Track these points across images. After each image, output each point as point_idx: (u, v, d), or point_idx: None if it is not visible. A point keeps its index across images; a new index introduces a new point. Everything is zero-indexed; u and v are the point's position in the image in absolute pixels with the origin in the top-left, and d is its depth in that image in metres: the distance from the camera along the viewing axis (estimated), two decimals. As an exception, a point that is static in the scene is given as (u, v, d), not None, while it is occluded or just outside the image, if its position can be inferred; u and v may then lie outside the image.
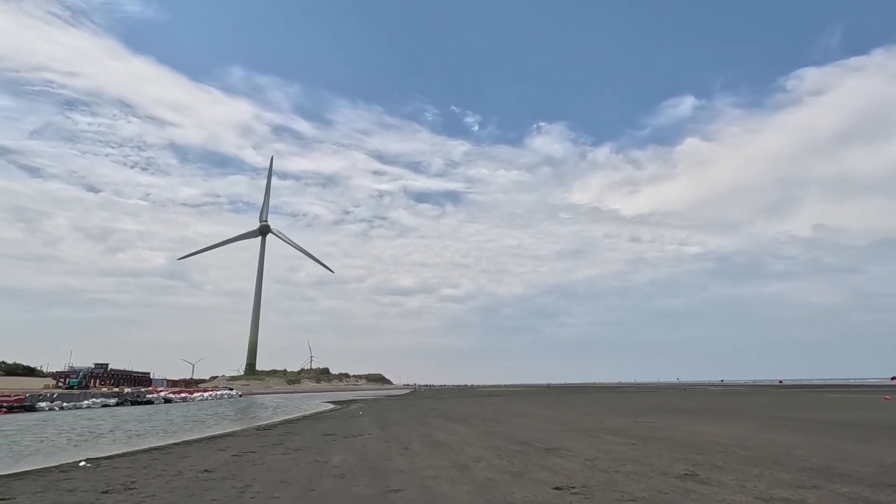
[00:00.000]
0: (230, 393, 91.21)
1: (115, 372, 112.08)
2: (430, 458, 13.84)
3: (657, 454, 13.45)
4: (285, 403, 64.17)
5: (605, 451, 14.12)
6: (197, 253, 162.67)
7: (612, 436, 18.05)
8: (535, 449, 15.03)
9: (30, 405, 46.02)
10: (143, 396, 63.27)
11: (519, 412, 33.54)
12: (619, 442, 16.23)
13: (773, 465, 11.59)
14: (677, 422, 23.55)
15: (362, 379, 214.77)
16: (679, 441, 16.15)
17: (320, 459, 14.01)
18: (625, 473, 10.84)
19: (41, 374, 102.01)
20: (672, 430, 19.85)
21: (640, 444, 15.71)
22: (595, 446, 15.30)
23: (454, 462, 12.98)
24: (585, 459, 12.81)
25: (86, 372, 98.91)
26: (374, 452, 15.22)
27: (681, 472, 10.81)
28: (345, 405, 52.54)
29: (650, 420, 24.66)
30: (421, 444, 16.88)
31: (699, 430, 19.71)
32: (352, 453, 15.11)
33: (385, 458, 14.11)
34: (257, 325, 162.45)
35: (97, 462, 14.79)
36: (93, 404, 53.12)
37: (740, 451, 13.85)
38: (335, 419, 31.50)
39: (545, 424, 23.56)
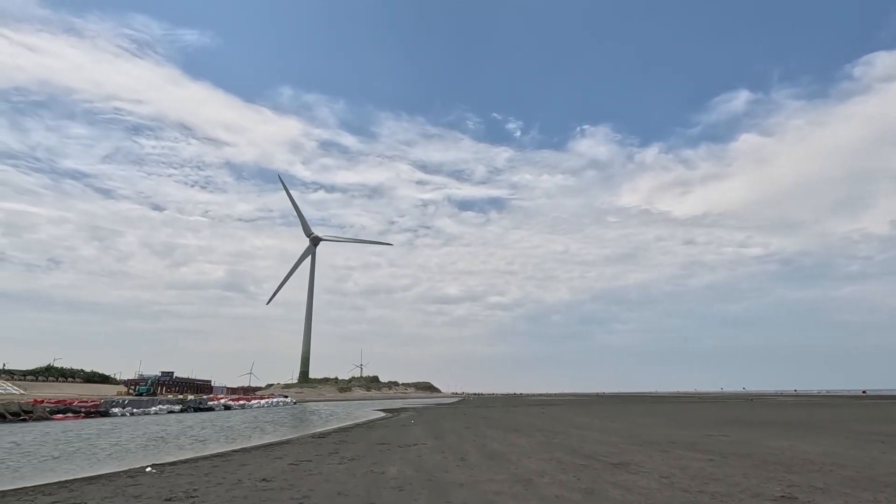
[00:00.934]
0: (285, 400, 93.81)
1: (180, 380, 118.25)
2: (490, 470, 13.16)
3: (742, 472, 12.16)
4: (337, 411, 65.09)
5: (680, 468, 12.94)
6: (278, 290, 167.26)
7: (685, 450, 16.67)
8: (602, 463, 14.02)
9: (104, 411, 48.94)
10: (204, 403, 66.03)
11: (575, 422, 32.15)
12: (694, 457, 14.91)
13: (885, 487, 10.13)
14: (756, 436, 21.61)
15: (411, 387, 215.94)
16: (764, 458, 14.64)
17: (376, 470, 13.65)
18: (710, 494, 9.75)
19: (115, 381, 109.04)
20: (752, 444, 18.15)
21: (719, 459, 14.35)
22: (668, 462, 14.10)
23: (515, 476, 12.25)
24: (661, 476, 11.73)
25: (153, 380, 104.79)
26: (430, 463, 14.72)
27: (776, 495, 9.60)
28: (396, 413, 52.54)
29: (723, 433, 22.81)
30: (478, 455, 16.22)
31: (783, 445, 17.91)
32: (408, 464, 14.67)
33: (442, 469, 13.57)
34: (310, 334, 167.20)
35: (162, 468, 15.11)
36: (160, 411, 55.88)
37: (839, 470, 12.31)
38: (388, 428, 31.31)
39: (607, 436, 22.27)
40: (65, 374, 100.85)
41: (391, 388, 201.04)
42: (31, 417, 40.21)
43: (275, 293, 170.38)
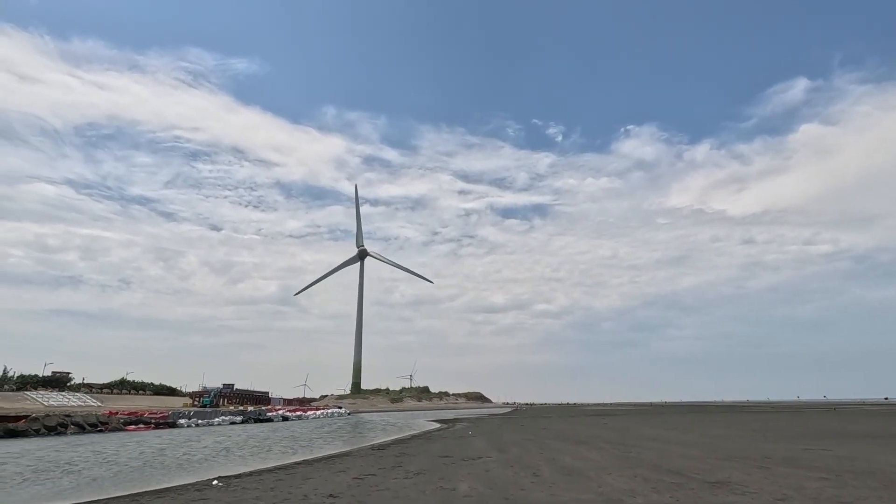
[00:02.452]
0: (339, 411, 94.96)
1: (240, 391, 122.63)
2: (570, 488, 12.00)
3: (876, 495, 10.40)
4: (392, 421, 64.93)
5: (794, 488, 11.29)
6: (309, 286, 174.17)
7: (787, 467, 14.79)
8: (696, 481, 12.53)
9: (172, 422, 50.96)
10: (263, 415, 67.69)
11: (645, 434, 30.07)
12: (804, 476, 13.10)
13: None
14: (864, 450, 19.13)
15: (461, 397, 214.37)
16: (892, 478, 12.64)
17: (446, 486, 12.79)
18: (847, 522, 8.23)
19: (181, 393, 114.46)
20: (866, 461, 15.94)
21: (835, 479, 12.51)
22: (774, 480, 12.41)
23: (602, 496, 11.04)
24: (775, 500, 10.20)
25: (216, 391, 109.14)
26: (501, 479, 13.70)
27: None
28: (451, 424, 51.61)
29: (823, 447, 20.38)
30: (551, 471, 15.04)
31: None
32: (478, 479, 13.72)
33: (516, 486, 12.53)
34: (360, 345, 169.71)
35: (228, 481, 14.91)
36: (222, 422, 57.64)
37: None
38: (446, 439, 30.44)
39: (686, 449, 20.40)
40: (136, 387, 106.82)
41: (442, 398, 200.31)
42: (106, 428, 42.29)
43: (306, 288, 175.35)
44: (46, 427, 37.90)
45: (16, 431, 35.71)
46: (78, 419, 41.59)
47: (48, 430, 37.67)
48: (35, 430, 36.97)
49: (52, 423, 38.71)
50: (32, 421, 38.38)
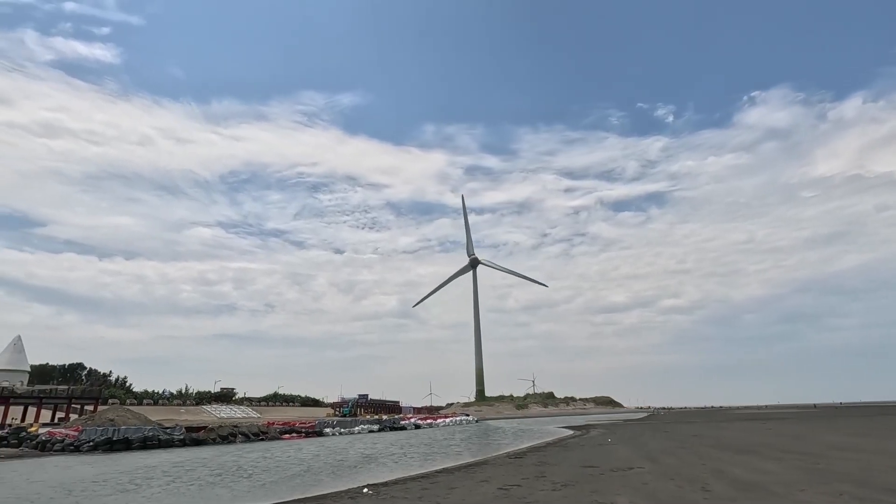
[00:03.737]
0: (467, 418, 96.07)
1: (374, 401, 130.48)
2: (757, 507, 10.19)
3: None
4: (521, 428, 63.81)
5: None
6: (425, 298, 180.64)
7: None
8: (934, 503, 9.89)
9: (319, 431, 55.43)
10: (398, 423, 70.84)
11: (828, 442, 25.45)
12: None
13: None
14: None
15: (589, 402, 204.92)
16: None
17: (602, 501, 11.68)
18: None
19: (323, 404, 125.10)
20: None
21: None
22: None
23: (804, 518, 9.14)
24: None
25: (353, 402, 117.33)
26: (665, 494, 12.18)
27: None
28: (584, 431, 49.07)
29: None
30: (723, 485, 13.07)
31: None
32: (637, 494, 12.36)
33: (686, 502, 10.99)
34: (480, 353, 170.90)
35: (377, 489, 15.32)
36: (362, 430, 61.36)
37: None
38: (584, 447, 28.73)
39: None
40: (286, 399, 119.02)
41: (568, 403, 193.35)
42: (267, 437, 47.25)
43: (423, 299, 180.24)
44: (221, 436, 43.38)
45: (199, 440, 41.38)
46: (244, 429, 47.01)
47: (222, 439, 43.08)
48: (212, 439, 42.50)
49: (225, 433, 44.20)
50: (210, 431, 44.19)
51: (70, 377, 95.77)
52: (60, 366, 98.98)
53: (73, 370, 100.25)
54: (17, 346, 71.30)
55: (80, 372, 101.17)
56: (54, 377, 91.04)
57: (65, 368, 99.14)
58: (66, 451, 33.60)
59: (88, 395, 66.89)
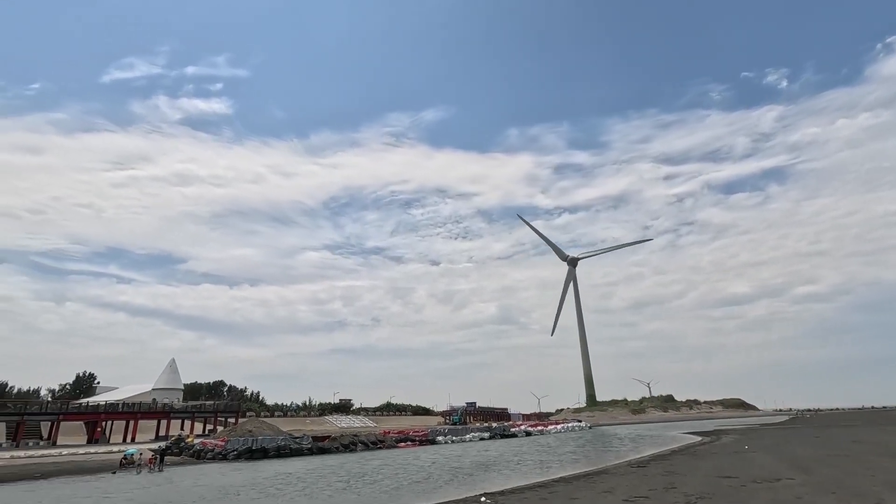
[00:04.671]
0: (579, 424, 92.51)
1: (482, 409, 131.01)
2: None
3: None
4: (640, 434, 59.94)
5: None
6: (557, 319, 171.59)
7: None
8: None
9: (432, 439, 56.79)
10: (507, 430, 70.27)
11: None
12: None
13: None
14: None
15: (716, 405, 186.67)
16: None
17: (748, 515, 10.46)
18: None
19: (433, 413, 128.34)
20: None
21: None
22: None
23: None
24: None
25: (462, 410, 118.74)
26: (826, 510, 10.60)
27: None
28: (714, 437, 44.75)
29: None
30: (904, 501, 11.06)
31: None
32: (790, 509, 10.91)
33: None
34: (588, 356, 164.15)
35: (494, 498, 15.22)
36: (473, 438, 61.74)
37: None
38: (717, 455, 26.14)
39: None
40: (398, 408, 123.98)
41: (691, 407, 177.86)
42: (384, 446, 49.44)
43: (555, 324, 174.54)
44: (343, 445, 46.24)
45: (324, 449, 44.49)
46: (363, 438, 49.68)
47: (345, 448, 45.88)
48: (336, 447, 45.44)
49: (347, 442, 47.04)
50: (333, 440, 47.30)
51: (214, 393, 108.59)
52: (206, 383, 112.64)
53: (216, 387, 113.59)
54: (172, 367, 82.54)
55: (221, 388, 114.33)
56: (202, 393, 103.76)
57: (210, 386, 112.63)
58: (216, 459, 37.93)
59: (230, 409, 75.31)
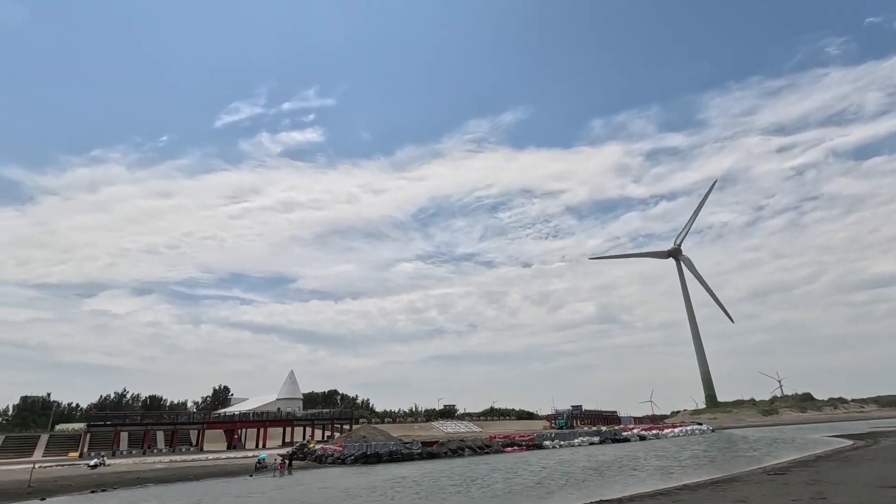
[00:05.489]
0: (700, 428, 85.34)
1: (589, 412, 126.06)
2: None
3: None
4: (773, 437, 53.81)
5: None
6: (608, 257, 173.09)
7: None
8: None
9: (539, 443, 55.82)
10: (619, 434, 66.87)
11: None
12: None
13: None
14: None
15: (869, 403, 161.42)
16: None
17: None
18: None
19: (538, 417, 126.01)
20: None
21: None
22: None
23: None
24: None
25: (567, 413, 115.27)
26: None
27: None
28: (869, 440, 38.86)
29: None
30: None
31: None
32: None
33: None
34: (703, 353, 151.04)
35: (614, 505, 14.61)
36: (581, 442, 59.65)
37: None
38: (875, 461, 22.70)
39: None
40: (502, 413, 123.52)
41: (836, 406, 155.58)
42: (491, 450, 49.56)
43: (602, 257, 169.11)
44: (451, 450, 47.15)
45: (433, 453, 45.72)
46: (469, 443, 50.26)
47: (452, 453, 46.75)
48: (444, 452, 46.47)
49: (454, 447, 47.90)
50: (441, 445, 48.44)
51: (329, 401, 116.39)
52: (321, 392, 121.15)
53: (330, 396, 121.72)
54: (291, 379, 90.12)
55: (335, 397, 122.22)
56: (318, 402, 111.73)
57: (325, 395, 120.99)
58: (335, 463, 40.62)
59: (344, 416, 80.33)
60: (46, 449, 56.96)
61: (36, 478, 29.57)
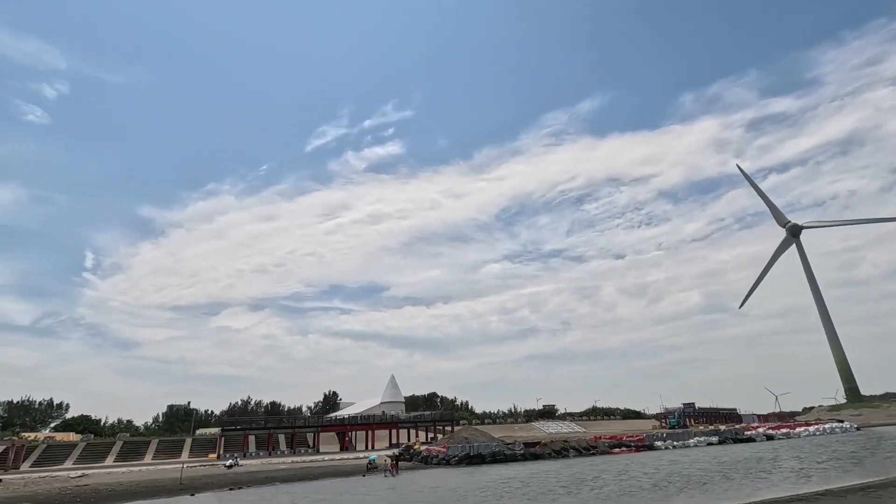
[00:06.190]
0: (842, 426, 75.17)
1: (704, 410, 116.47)
2: None
3: None
4: (941, 438, 45.93)
5: None
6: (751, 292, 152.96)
7: None
8: None
9: (649, 444, 52.68)
10: (741, 434, 61.07)
11: None
12: None
13: None
14: None
15: None
16: None
17: None
18: None
19: (644, 416, 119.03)
20: None
21: None
22: None
23: None
24: None
25: (679, 412, 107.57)
26: None
27: None
28: None
29: None
30: None
31: None
32: None
33: None
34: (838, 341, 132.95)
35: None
36: (698, 443, 55.32)
37: None
38: None
39: None
40: (605, 412, 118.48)
41: None
42: (597, 451, 47.70)
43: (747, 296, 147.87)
44: (555, 451, 46.12)
45: (536, 454, 45.03)
46: (574, 444, 48.78)
47: (556, 454, 45.69)
48: (548, 453, 45.56)
49: (558, 448, 46.79)
50: (544, 446, 47.55)
51: (429, 404, 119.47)
52: (421, 395, 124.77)
53: (430, 398, 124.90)
54: (392, 383, 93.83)
55: (435, 399, 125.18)
56: (419, 405, 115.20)
57: (425, 398, 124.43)
58: (440, 464, 41.55)
59: (445, 418, 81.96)
60: (191, 451, 64.69)
61: (185, 476, 33.78)
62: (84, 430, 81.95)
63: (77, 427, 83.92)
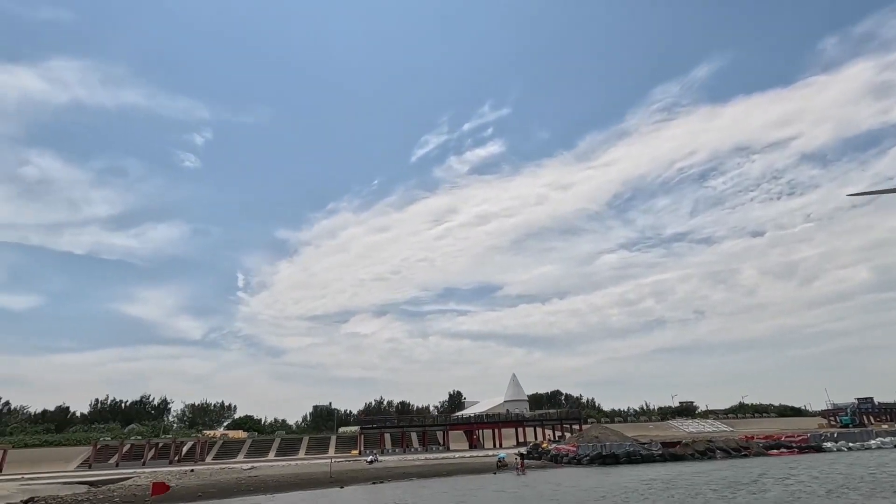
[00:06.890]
0: None
1: (884, 405, 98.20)
2: None
3: None
4: None
5: None
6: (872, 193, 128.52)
7: None
8: None
9: (816, 445, 45.84)
10: (942, 433, 50.46)
11: None
12: None
13: None
14: None
15: None
16: None
17: None
18: None
19: (807, 413, 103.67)
20: None
21: None
22: None
23: None
24: None
25: (853, 408, 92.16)
26: None
27: None
28: None
29: None
30: None
31: None
32: None
33: None
34: None
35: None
36: (880, 444, 46.93)
37: None
38: None
39: None
40: (756, 409, 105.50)
41: None
42: (749, 453, 42.71)
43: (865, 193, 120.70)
44: (698, 452, 42.28)
45: (676, 455, 41.67)
46: (720, 444, 44.26)
47: (700, 455, 41.84)
48: (690, 454, 41.91)
49: (702, 448, 42.83)
50: (685, 446, 43.82)
51: (553, 402, 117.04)
52: (544, 393, 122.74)
53: (554, 396, 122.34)
54: (514, 381, 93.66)
55: (559, 397, 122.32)
56: (543, 403, 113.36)
57: (548, 395, 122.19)
58: (570, 463, 40.43)
59: (572, 416, 79.64)
60: (335, 447, 71.04)
61: (333, 470, 37.19)
62: (249, 429, 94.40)
63: (244, 426, 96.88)
